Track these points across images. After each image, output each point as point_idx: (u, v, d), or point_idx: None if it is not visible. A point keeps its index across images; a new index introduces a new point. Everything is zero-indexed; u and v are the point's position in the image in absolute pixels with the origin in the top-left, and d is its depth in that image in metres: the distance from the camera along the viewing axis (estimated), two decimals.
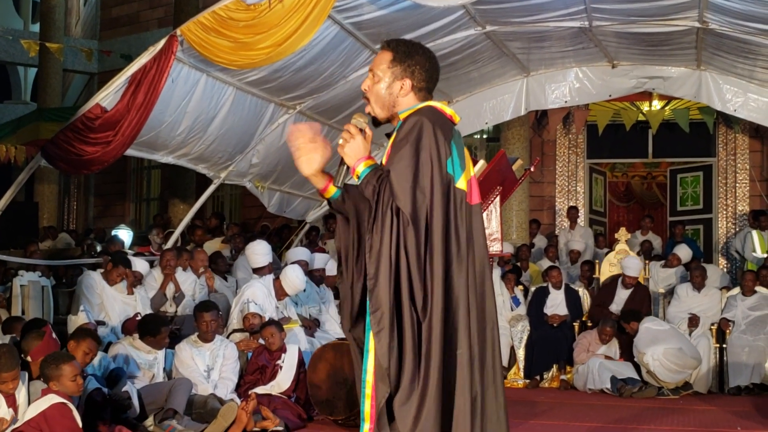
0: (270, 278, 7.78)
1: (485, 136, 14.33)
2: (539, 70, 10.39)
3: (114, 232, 13.46)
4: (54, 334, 5.68)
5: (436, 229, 2.91)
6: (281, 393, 6.60)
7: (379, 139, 3.81)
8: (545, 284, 10.10)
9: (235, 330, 7.43)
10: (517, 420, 6.72)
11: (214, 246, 10.72)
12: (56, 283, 9.24)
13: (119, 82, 7.16)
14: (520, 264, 11.15)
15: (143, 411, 5.93)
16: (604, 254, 11.08)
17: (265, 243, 8.70)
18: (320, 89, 8.92)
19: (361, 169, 2.99)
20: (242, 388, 6.65)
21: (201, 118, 8.23)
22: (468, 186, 3.06)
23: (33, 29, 20.53)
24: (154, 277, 8.28)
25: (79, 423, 4.92)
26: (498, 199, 6.57)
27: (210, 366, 6.58)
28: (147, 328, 6.44)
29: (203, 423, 5.95)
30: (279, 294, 7.67)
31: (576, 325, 9.85)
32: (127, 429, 5.44)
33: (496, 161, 6.51)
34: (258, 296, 7.48)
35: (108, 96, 7.20)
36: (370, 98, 3.17)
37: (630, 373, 8.85)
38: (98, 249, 11.12)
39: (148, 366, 6.39)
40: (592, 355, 9.06)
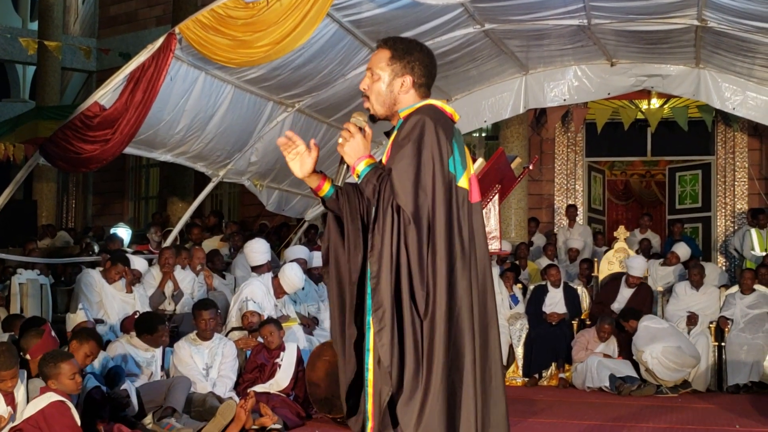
0: (269, 276, 7.78)
1: (484, 135, 14.33)
2: (538, 69, 10.39)
3: (113, 231, 13.45)
4: (53, 333, 5.69)
5: (439, 228, 2.90)
6: (280, 391, 6.60)
7: (378, 138, 3.81)
8: (544, 282, 10.10)
9: (234, 328, 7.43)
10: (516, 418, 6.72)
11: (213, 244, 10.72)
12: (55, 282, 9.25)
13: (118, 80, 7.15)
14: (519, 262, 11.15)
15: (142, 409, 5.93)
16: (603, 252, 11.10)
17: (264, 241, 8.70)
18: (319, 87, 8.92)
19: (362, 168, 2.98)
20: (241, 387, 6.65)
21: (199, 116, 8.23)
22: (469, 184, 3.07)
23: (31, 27, 20.52)
24: (153, 276, 8.28)
25: (78, 421, 4.92)
26: (497, 198, 6.56)
27: (209, 364, 6.57)
28: (144, 326, 6.43)
29: (202, 421, 5.95)
30: (278, 292, 7.67)
31: (575, 324, 9.85)
32: (126, 427, 5.44)
33: (495, 159, 6.49)
34: (257, 294, 7.48)
35: (106, 94, 7.19)
36: (370, 97, 3.16)
37: (629, 372, 8.86)
38: (96, 248, 11.11)
39: (146, 364, 6.38)
40: (591, 354, 9.06)
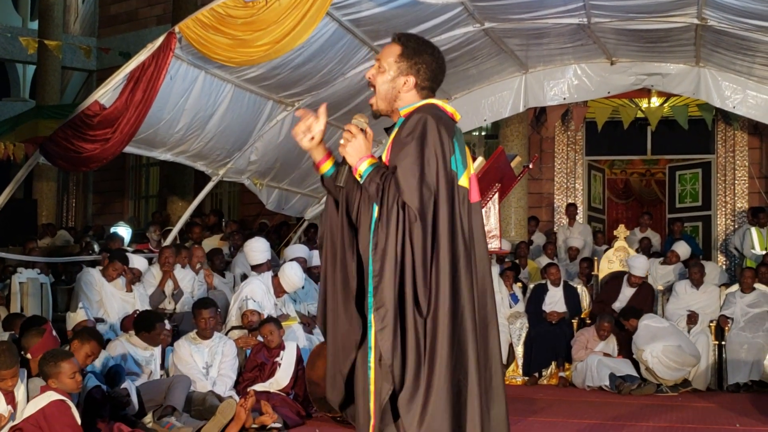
0: (269, 275, 7.78)
1: (484, 133, 14.33)
2: (538, 67, 10.39)
3: (113, 229, 13.46)
4: (54, 332, 5.69)
5: (443, 226, 2.90)
6: (280, 390, 6.61)
7: (379, 136, 3.80)
8: (544, 281, 10.10)
9: (234, 327, 7.43)
10: (516, 417, 6.72)
11: (213, 243, 10.72)
12: (55, 281, 9.25)
13: (118, 80, 7.15)
14: (519, 261, 11.15)
15: (142, 408, 5.94)
16: (603, 251, 11.09)
17: (264, 240, 8.70)
18: (319, 86, 8.92)
19: (364, 168, 2.98)
20: (241, 385, 6.65)
21: (199, 115, 8.23)
22: (469, 184, 3.07)
23: (32, 26, 20.52)
24: (153, 275, 8.29)
25: (78, 420, 4.92)
26: (496, 196, 6.57)
27: (209, 363, 6.58)
28: (141, 324, 6.44)
29: (202, 420, 5.95)
30: (278, 291, 7.68)
31: (575, 322, 9.85)
32: (126, 426, 5.44)
33: (495, 158, 6.50)
34: (257, 293, 7.48)
35: (107, 93, 7.19)
36: (375, 87, 3.17)
37: (629, 371, 8.85)
38: (96, 247, 11.11)
39: (145, 363, 6.39)
40: (591, 353, 9.06)
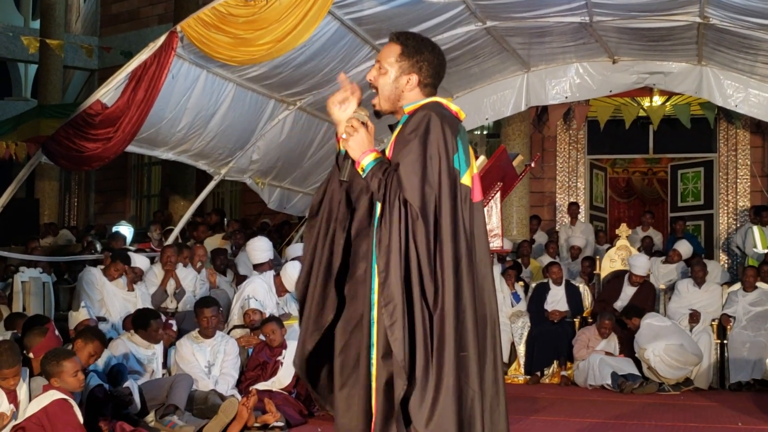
0: (270, 274, 7.78)
1: (485, 132, 14.32)
2: (540, 66, 10.38)
3: (115, 229, 13.46)
4: (56, 331, 5.69)
5: (445, 223, 2.90)
6: (282, 389, 6.61)
7: (380, 135, 3.79)
8: (545, 280, 10.10)
9: (236, 326, 7.44)
10: (518, 416, 6.72)
11: (215, 242, 10.73)
12: (57, 280, 9.25)
13: (119, 79, 7.15)
14: (522, 260, 11.15)
15: (144, 407, 5.94)
16: (605, 250, 11.09)
17: (266, 239, 8.71)
18: (320, 85, 8.91)
19: (367, 162, 2.98)
20: (243, 384, 6.66)
21: (201, 115, 8.23)
22: (471, 183, 3.07)
23: (33, 26, 20.52)
24: (155, 274, 8.29)
25: (80, 419, 4.92)
26: (498, 195, 6.57)
27: (211, 362, 6.58)
28: (137, 322, 6.46)
29: (204, 419, 5.95)
30: (279, 290, 7.68)
31: (576, 321, 9.85)
32: (128, 425, 5.44)
33: (497, 157, 6.50)
34: (258, 292, 7.49)
35: (108, 92, 7.20)
36: (377, 89, 3.16)
37: (630, 369, 8.85)
38: (98, 246, 11.12)
39: (147, 361, 6.39)
40: (592, 351, 9.06)
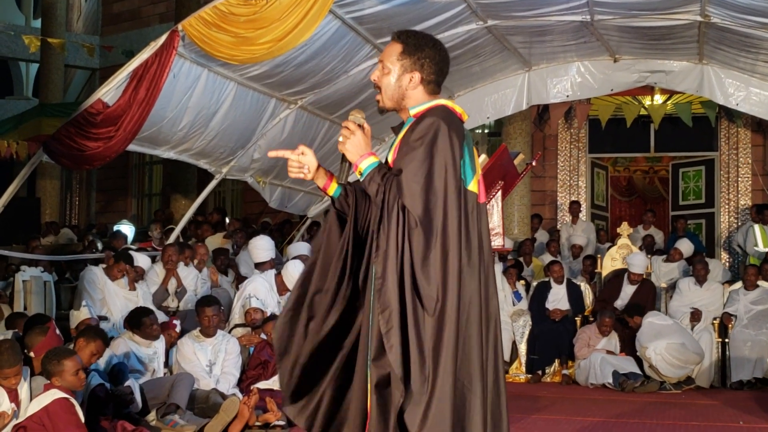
0: (272, 273, 7.78)
1: (487, 131, 14.32)
2: (541, 65, 10.38)
3: (116, 228, 13.47)
4: (57, 330, 5.69)
5: (451, 232, 2.87)
6: None
7: (381, 134, 3.80)
8: (547, 279, 10.10)
9: (237, 325, 7.44)
10: (519, 414, 6.72)
11: (216, 241, 10.73)
12: (58, 279, 9.25)
13: (121, 78, 7.15)
14: (524, 258, 11.15)
15: (145, 406, 5.94)
16: (606, 249, 11.09)
17: (268, 238, 8.72)
18: (321, 84, 8.92)
19: (365, 166, 2.97)
20: (244, 383, 6.66)
21: (202, 114, 8.23)
22: (478, 187, 3.06)
23: (34, 25, 20.53)
24: (156, 273, 8.28)
25: (82, 418, 4.93)
26: (500, 194, 6.55)
27: (212, 361, 6.58)
28: (131, 323, 6.47)
29: (205, 418, 5.95)
30: (281, 289, 7.68)
31: (578, 320, 9.85)
32: (130, 424, 5.44)
33: (498, 156, 6.48)
34: (260, 291, 7.49)
35: (110, 91, 7.19)
36: (380, 89, 3.15)
37: (632, 368, 8.85)
38: (99, 245, 11.12)
39: (148, 360, 6.39)
40: (593, 350, 9.06)
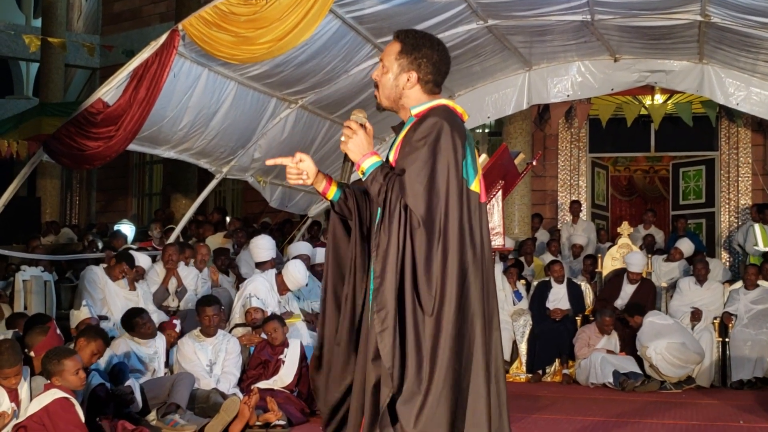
0: (272, 273, 7.78)
1: (487, 131, 14.32)
2: (541, 64, 10.38)
3: (116, 227, 13.47)
4: (58, 330, 5.69)
5: (452, 232, 2.88)
6: (284, 387, 6.61)
7: (381, 134, 3.80)
8: (547, 278, 10.10)
9: (238, 324, 7.43)
10: (520, 414, 6.72)
11: (217, 241, 10.73)
12: (59, 278, 9.25)
13: (121, 77, 7.14)
14: (525, 258, 11.15)
15: (146, 405, 5.94)
16: (607, 248, 11.09)
17: (269, 238, 8.71)
18: (322, 84, 8.91)
19: (367, 165, 2.97)
20: (245, 383, 6.66)
21: (203, 113, 8.22)
22: (480, 187, 3.06)
23: (35, 24, 20.53)
24: (157, 272, 8.27)
25: (82, 417, 4.93)
26: (500, 194, 6.54)
27: (212, 360, 6.58)
28: (125, 325, 6.48)
29: (206, 417, 5.95)
30: (281, 289, 7.67)
31: (578, 319, 9.85)
32: (130, 423, 5.44)
33: (499, 155, 6.48)
34: (260, 291, 7.48)
35: (110, 91, 7.19)
36: (379, 87, 3.15)
37: (632, 368, 8.85)
38: (99, 244, 11.12)
39: (149, 360, 6.39)
40: (594, 350, 9.06)
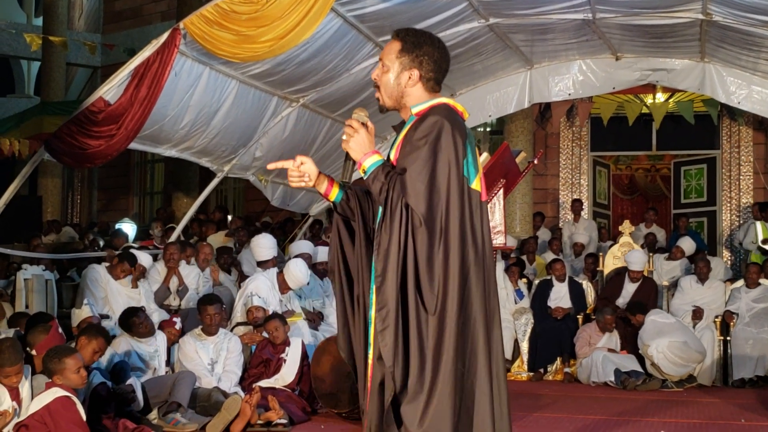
0: (274, 271, 7.78)
1: (489, 129, 14.32)
2: (543, 63, 10.37)
3: (117, 226, 13.48)
4: (60, 329, 5.69)
5: (453, 231, 2.88)
6: (285, 386, 6.61)
7: (382, 132, 3.80)
8: (549, 277, 10.10)
9: (239, 323, 7.44)
10: (521, 413, 6.72)
11: (218, 239, 10.73)
12: (60, 277, 9.25)
13: (122, 76, 7.14)
14: (526, 257, 11.15)
15: (147, 404, 5.94)
16: (608, 247, 11.09)
17: (271, 237, 8.71)
18: (323, 82, 8.91)
19: (369, 164, 2.97)
20: (246, 382, 6.66)
21: (204, 112, 8.22)
22: (481, 186, 3.06)
23: (36, 23, 20.54)
24: (158, 271, 8.28)
25: (83, 416, 4.92)
26: (501, 192, 6.54)
27: (214, 359, 6.58)
28: (123, 326, 6.48)
29: (207, 416, 5.95)
30: (282, 287, 7.67)
31: (580, 318, 9.84)
32: (131, 422, 5.44)
33: (500, 154, 6.47)
34: (262, 289, 7.48)
35: (111, 89, 7.18)
36: (380, 87, 3.14)
37: (634, 366, 8.84)
38: (101, 243, 11.13)
39: (150, 358, 6.40)
40: (595, 348, 9.06)
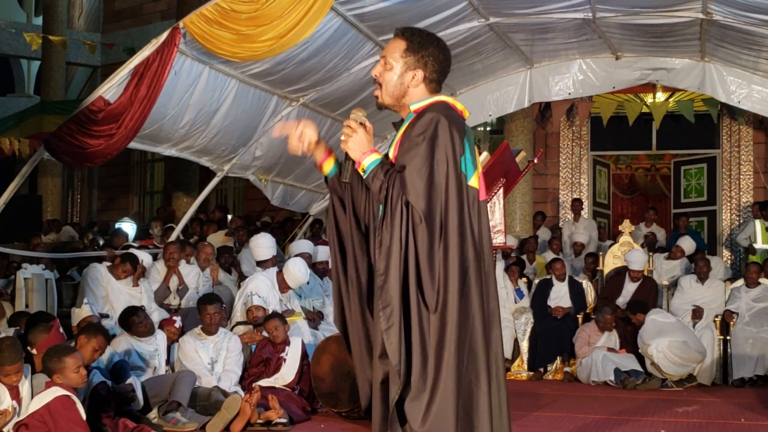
0: (273, 271, 7.78)
1: (489, 129, 14.32)
2: (543, 62, 10.37)
3: (117, 225, 13.48)
4: (61, 329, 5.69)
5: (452, 227, 2.89)
6: (285, 385, 6.61)
7: (382, 132, 3.80)
8: (549, 276, 10.09)
9: (239, 322, 7.44)
10: (521, 412, 6.72)
11: (218, 239, 10.73)
12: (60, 276, 9.25)
13: (122, 75, 7.14)
14: (526, 256, 11.15)
15: (147, 403, 5.94)
16: (608, 246, 11.08)
17: (270, 236, 8.71)
18: (323, 81, 8.91)
19: (368, 163, 2.98)
20: (246, 381, 6.66)
21: (204, 111, 8.22)
22: (479, 184, 3.06)
23: (36, 22, 20.54)
24: (158, 270, 8.28)
25: (83, 415, 4.92)
26: (501, 192, 6.54)
27: (214, 358, 6.58)
28: (123, 325, 6.48)
29: (207, 415, 5.95)
30: (282, 287, 7.67)
31: (580, 317, 9.84)
32: (131, 422, 5.44)
33: (500, 153, 6.48)
34: (262, 289, 7.48)
35: (111, 89, 7.18)
36: (381, 84, 3.15)
37: (633, 365, 8.85)
38: (101, 242, 11.13)
39: (149, 357, 6.40)
40: (594, 348, 9.06)
